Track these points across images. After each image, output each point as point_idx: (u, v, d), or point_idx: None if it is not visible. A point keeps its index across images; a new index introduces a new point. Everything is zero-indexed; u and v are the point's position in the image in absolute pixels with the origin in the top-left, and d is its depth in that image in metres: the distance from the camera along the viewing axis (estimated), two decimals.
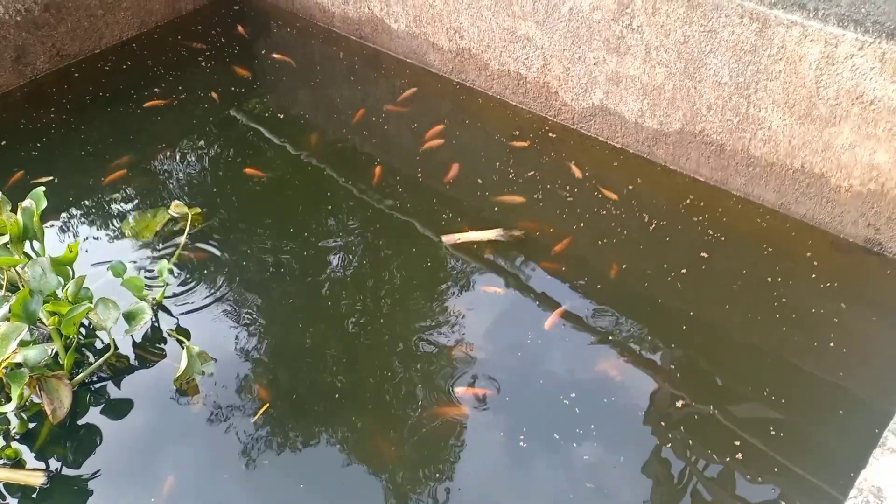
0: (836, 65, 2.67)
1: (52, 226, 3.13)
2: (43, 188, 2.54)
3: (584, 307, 2.77)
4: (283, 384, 2.55)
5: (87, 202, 3.26)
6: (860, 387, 2.51)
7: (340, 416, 2.45)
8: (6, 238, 2.43)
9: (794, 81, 2.80)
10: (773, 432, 2.37)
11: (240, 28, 4.40)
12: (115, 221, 3.15)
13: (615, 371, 2.57)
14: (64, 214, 3.19)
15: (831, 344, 2.62)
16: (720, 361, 2.60)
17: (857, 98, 2.68)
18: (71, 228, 3.14)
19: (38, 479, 2.27)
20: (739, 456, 2.31)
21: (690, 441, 2.36)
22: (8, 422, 2.38)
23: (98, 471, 2.33)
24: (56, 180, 3.31)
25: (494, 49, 3.63)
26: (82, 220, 3.18)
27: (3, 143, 3.52)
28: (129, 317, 2.51)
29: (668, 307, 2.77)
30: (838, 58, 2.66)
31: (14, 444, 2.35)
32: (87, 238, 3.08)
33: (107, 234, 3.10)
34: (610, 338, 2.66)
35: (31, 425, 2.41)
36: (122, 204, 3.23)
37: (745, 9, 2.79)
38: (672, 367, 2.58)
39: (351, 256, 2.99)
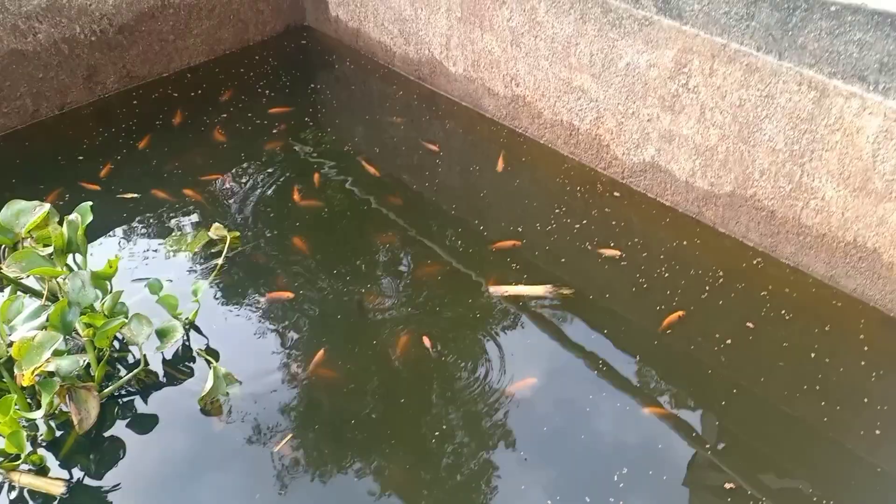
0: (895, 140, 2.60)
1: (98, 237, 3.22)
2: (90, 203, 2.63)
3: (630, 370, 2.71)
4: (308, 414, 2.55)
5: (134, 219, 3.35)
6: None
7: (365, 453, 2.43)
8: (50, 249, 2.50)
9: (851, 153, 2.73)
10: None
11: (304, 61, 4.52)
12: (157, 239, 3.23)
13: (657, 438, 2.49)
14: (110, 228, 3.29)
15: (877, 432, 2.50)
16: (764, 437, 2.51)
17: None
18: (114, 243, 3.23)
19: (58, 489, 2.31)
20: None
21: None
22: (36, 428, 2.43)
23: (118, 484, 2.36)
24: (139, 196, 3.43)
25: (549, 98, 3.64)
26: (127, 235, 3.27)
27: (73, 160, 3.66)
28: (162, 334, 2.56)
29: (714, 376, 2.69)
30: None
31: (40, 451, 2.39)
32: (128, 254, 3.16)
33: (148, 252, 3.18)
34: (654, 404, 2.60)
35: (58, 434, 2.46)
36: (166, 223, 3.32)
37: (804, 76, 2.74)
38: (713, 438, 2.50)
39: (393, 295, 2.99)
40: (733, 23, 2.86)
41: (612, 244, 3.20)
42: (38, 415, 2.25)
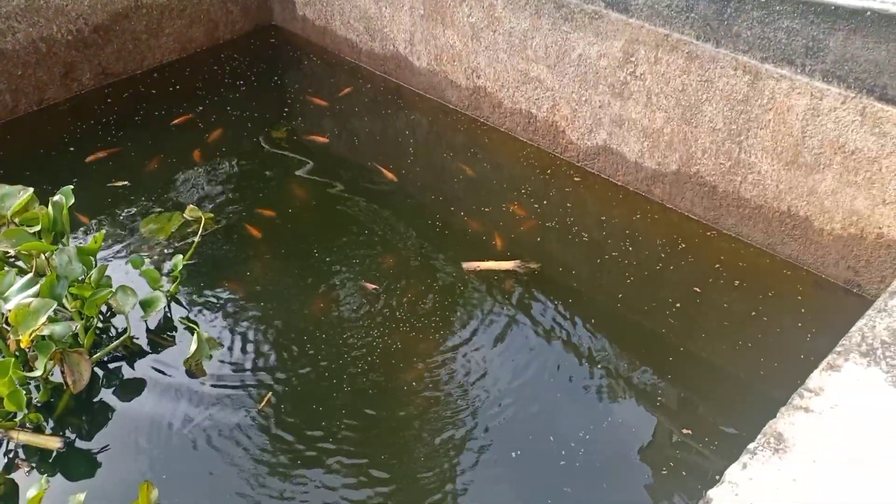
0: (821, 116, 2.86)
1: (76, 222, 3.35)
2: (71, 186, 2.78)
3: (591, 335, 2.93)
4: (287, 375, 2.73)
5: (113, 204, 3.50)
6: None
7: (339, 408, 2.61)
8: (37, 227, 2.65)
9: (783, 130, 2.99)
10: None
11: (272, 57, 4.70)
12: (135, 223, 3.38)
13: (615, 393, 2.71)
14: (91, 214, 3.43)
15: None
16: (707, 388, 2.75)
17: (839, 148, 2.86)
18: (93, 228, 3.37)
19: (55, 444, 2.45)
20: None
21: (674, 468, 2.49)
22: (30, 392, 2.57)
23: (107, 445, 2.51)
24: (129, 184, 3.60)
25: (508, 89, 3.87)
26: (107, 220, 3.41)
27: (53, 153, 3.80)
28: (145, 304, 2.72)
29: (664, 339, 2.92)
30: (823, 110, 2.85)
31: (36, 412, 2.53)
32: (107, 236, 3.29)
33: (127, 234, 3.33)
34: (610, 363, 2.81)
35: (52, 399, 2.60)
36: (143, 208, 3.47)
37: (739, 62, 3.00)
38: (664, 396, 2.72)
39: (367, 273, 3.17)
40: (674, 14, 3.11)
41: (572, 220, 3.43)
42: (36, 373, 2.39)
